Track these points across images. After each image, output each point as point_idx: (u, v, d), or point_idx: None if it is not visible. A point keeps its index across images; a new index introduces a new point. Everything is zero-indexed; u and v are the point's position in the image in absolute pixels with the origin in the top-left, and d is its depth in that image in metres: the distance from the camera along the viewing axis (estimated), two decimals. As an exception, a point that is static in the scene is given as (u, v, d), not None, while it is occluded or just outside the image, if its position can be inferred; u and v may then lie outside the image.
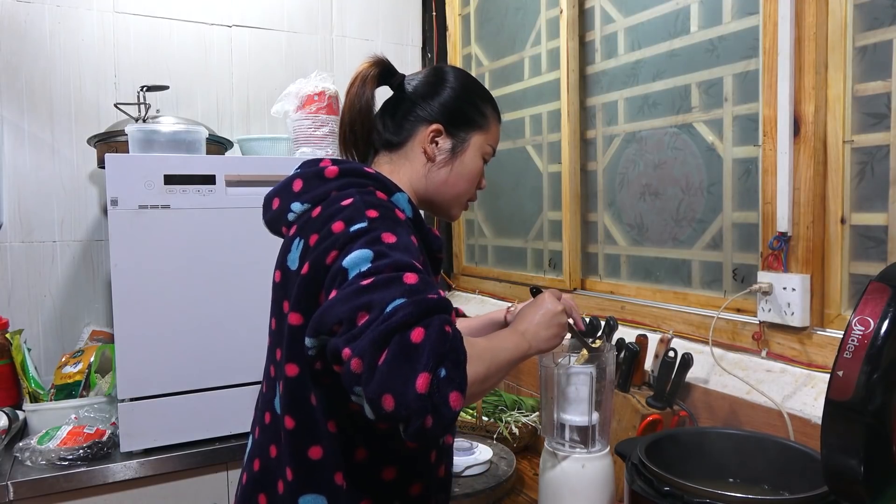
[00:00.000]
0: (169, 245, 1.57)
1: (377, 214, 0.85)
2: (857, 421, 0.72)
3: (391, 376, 0.69)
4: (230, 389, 1.64)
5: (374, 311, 0.73)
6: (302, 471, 0.89)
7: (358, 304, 0.74)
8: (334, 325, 0.75)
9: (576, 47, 1.81)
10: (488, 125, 1.06)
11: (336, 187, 0.93)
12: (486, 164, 1.09)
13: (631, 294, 1.68)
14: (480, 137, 1.05)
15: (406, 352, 0.70)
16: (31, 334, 1.96)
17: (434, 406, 0.70)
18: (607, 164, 1.75)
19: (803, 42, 1.21)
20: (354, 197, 0.89)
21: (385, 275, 0.77)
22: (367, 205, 0.87)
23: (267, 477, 0.94)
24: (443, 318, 0.75)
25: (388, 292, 0.75)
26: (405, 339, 0.71)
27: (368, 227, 0.83)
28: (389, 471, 0.91)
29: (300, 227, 0.93)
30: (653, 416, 1.28)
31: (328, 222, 0.86)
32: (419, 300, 0.74)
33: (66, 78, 2.01)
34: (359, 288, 0.76)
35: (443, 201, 1.06)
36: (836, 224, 1.21)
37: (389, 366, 0.70)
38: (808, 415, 1.12)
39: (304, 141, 1.90)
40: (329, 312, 0.76)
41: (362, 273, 0.78)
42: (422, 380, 0.69)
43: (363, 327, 0.73)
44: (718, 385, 1.31)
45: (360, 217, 0.84)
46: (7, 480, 1.42)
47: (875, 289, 0.75)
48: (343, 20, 2.39)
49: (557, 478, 1.12)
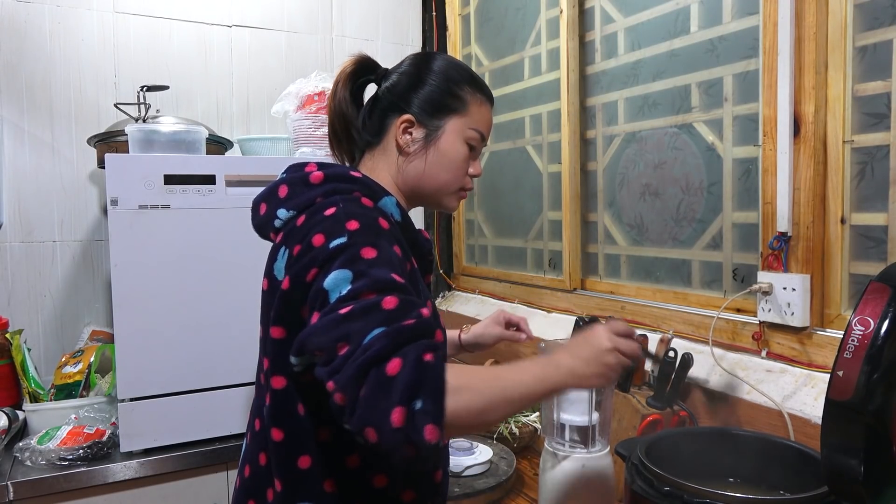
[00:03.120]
0: (169, 245, 1.57)
1: (358, 226, 0.83)
2: (857, 421, 0.72)
3: (370, 411, 0.69)
4: (230, 389, 1.64)
5: (352, 342, 0.72)
6: (291, 481, 0.89)
7: (337, 334, 0.74)
8: (316, 351, 0.76)
9: (576, 47, 1.81)
10: (466, 108, 0.99)
11: (321, 193, 0.90)
12: (475, 149, 1.02)
13: (631, 294, 1.68)
14: (459, 122, 0.99)
15: (382, 385, 0.69)
16: (31, 334, 1.96)
17: (411, 441, 0.69)
18: (607, 164, 1.75)
19: (803, 42, 1.21)
20: (337, 206, 0.86)
21: (364, 301, 0.75)
22: (349, 215, 0.85)
23: (256, 484, 0.94)
24: (421, 345, 0.73)
25: (367, 322, 0.74)
26: (381, 373, 0.70)
27: (348, 243, 0.81)
28: (381, 478, 0.91)
29: (286, 234, 0.91)
30: (653, 416, 1.28)
31: (309, 234, 0.84)
32: (396, 329, 0.73)
33: (66, 78, 2.01)
34: (338, 318, 0.74)
35: (429, 193, 1.01)
36: (836, 224, 1.21)
37: (368, 401, 0.69)
38: (808, 415, 1.12)
39: (304, 141, 1.90)
40: (310, 340, 0.76)
41: (342, 297, 0.77)
42: (396, 414, 0.68)
43: (343, 359, 0.72)
44: (718, 385, 1.31)
45: (340, 230, 0.82)
46: (7, 480, 1.42)
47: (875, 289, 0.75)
48: (343, 20, 2.39)
49: (557, 478, 1.12)
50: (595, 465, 1.11)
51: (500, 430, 1.60)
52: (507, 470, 1.42)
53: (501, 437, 1.60)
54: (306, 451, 0.88)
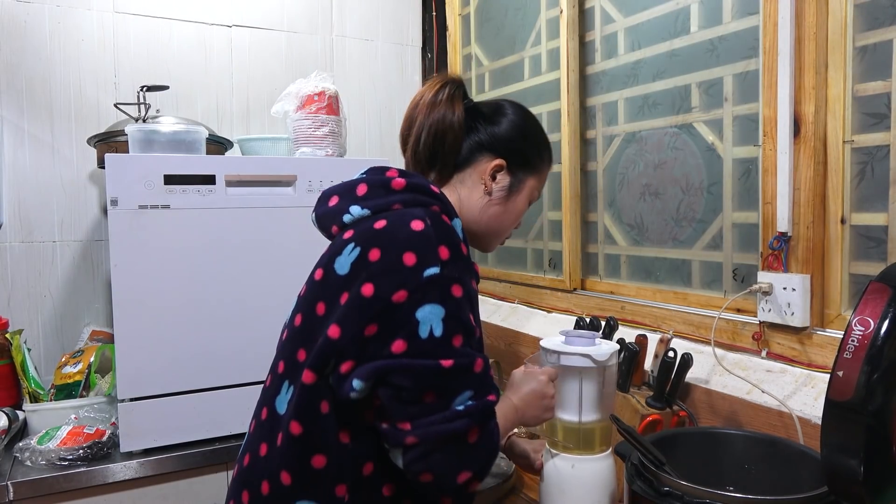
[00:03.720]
0: (169, 245, 1.57)
1: (448, 255, 0.85)
2: (857, 421, 0.72)
3: (440, 464, 0.82)
4: (230, 389, 1.64)
5: (442, 399, 0.82)
6: (302, 477, 0.88)
7: (428, 384, 0.82)
8: (398, 386, 0.82)
9: (576, 47, 1.81)
10: (543, 170, 1.08)
11: (400, 200, 0.92)
12: (529, 206, 1.09)
13: (631, 294, 1.68)
14: (534, 181, 1.06)
15: (462, 451, 0.83)
16: (31, 334, 1.96)
17: (460, 492, 0.87)
18: (607, 164, 1.75)
19: (803, 42, 1.21)
20: (424, 221, 0.87)
21: (460, 361, 0.83)
22: (440, 239, 0.86)
23: (252, 475, 0.93)
24: (495, 421, 0.87)
25: (459, 383, 0.83)
26: (463, 440, 0.82)
27: (441, 275, 0.84)
28: (388, 487, 0.90)
29: (358, 232, 0.91)
30: (653, 417, 1.28)
31: (396, 246, 0.85)
32: (483, 408, 0.84)
33: (66, 78, 2.01)
34: (436, 369, 0.82)
35: (487, 234, 1.06)
36: (836, 224, 1.21)
37: (444, 458, 0.82)
38: (808, 415, 1.12)
39: (304, 141, 1.90)
40: (397, 374, 0.82)
41: (435, 339, 0.82)
42: (465, 475, 0.84)
43: (428, 409, 0.81)
44: (718, 385, 1.31)
45: (434, 258, 0.84)
46: (7, 480, 1.42)
47: (875, 289, 0.75)
48: (343, 20, 2.39)
49: (558, 478, 1.12)
50: (595, 466, 1.11)
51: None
52: (507, 470, 1.42)
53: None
54: (322, 451, 0.87)
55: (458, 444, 0.82)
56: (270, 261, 1.66)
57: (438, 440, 0.81)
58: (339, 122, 1.94)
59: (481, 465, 0.85)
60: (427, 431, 0.81)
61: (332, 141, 1.91)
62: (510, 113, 1.05)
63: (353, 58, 2.40)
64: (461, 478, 0.83)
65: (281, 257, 1.65)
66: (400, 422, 0.82)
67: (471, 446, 0.83)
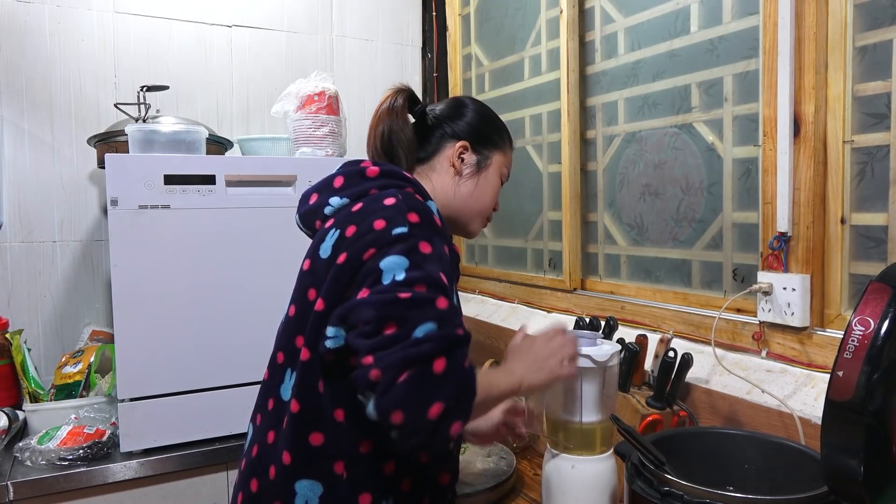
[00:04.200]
0: (169, 245, 1.57)
1: (418, 220, 0.89)
2: (857, 421, 0.72)
3: (408, 397, 0.76)
4: (230, 389, 1.64)
5: (403, 328, 0.79)
6: (301, 456, 0.90)
7: (388, 313, 0.80)
8: (360, 322, 0.81)
9: (576, 47, 1.81)
10: (505, 147, 1.15)
11: (376, 185, 0.98)
12: (502, 184, 1.15)
13: (631, 294, 1.68)
14: (500, 157, 1.14)
15: (428, 379, 0.77)
16: (31, 334, 1.96)
17: (438, 431, 0.78)
18: (607, 164, 1.75)
19: (803, 42, 1.21)
20: (396, 197, 0.93)
21: (419, 293, 0.82)
22: (409, 208, 0.90)
23: (261, 463, 0.95)
24: (464, 352, 0.82)
25: (421, 313, 0.80)
26: (428, 368, 0.78)
27: (409, 233, 0.87)
28: (389, 465, 0.92)
29: (338, 219, 0.97)
30: (653, 417, 1.28)
31: (369, 217, 0.90)
32: (448, 335, 0.80)
33: (66, 78, 2.01)
34: (393, 299, 0.81)
35: (467, 214, 1.12)
36: (836, 224, 1.21)
37: (409, 387, 0.76)
38: (808, 415, 1.12)
39: (304, 141, 1.90)
40: (358, 310, 0.82)
41: (396, 282, 0.82)
42: (436, 408, 0.77)
43: (388, 339, 0.79)
44: (718, 385, 1.31)
45: (402, 220, 0.88)
46: (7, 480, 1.42)
47: (875, 289, 0.75)
48: (343, 20, 2.39)
49: (559, 478, 1.12)
50: (596, 466, 1.11)
51: (500, 430, 1.61)
52: (507, 470, 1.42)
53: (501, 437, 1.60)
54: (319, 429, 0.90)
55: (423, 372, 0.77)
56: (270, 261, 1.66)
57: (401, 366, 0.77)
58: (339, 122, 1.94)
59: (453, 396, 0.78)
60: (388, 360, 0.77)
61: (332, 141, 1.91)
62: (467, 102, 1.15)
63: (353, 58, 2.40)
64: (432, 411, 0.76)
65: (281, 257, 1.65)
66: (364, 357, 0.79)
67: (437, 376, 0.78)
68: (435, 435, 0.78)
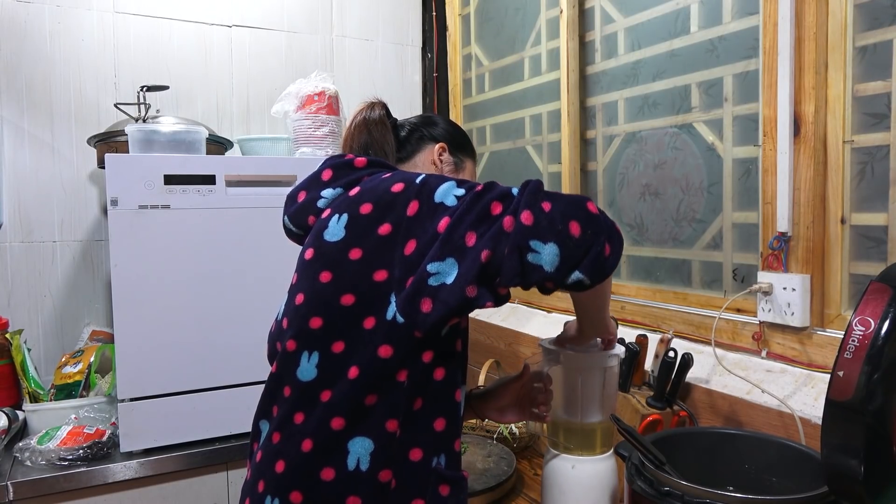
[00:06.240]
0: (169, 245, 1.57)
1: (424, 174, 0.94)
2: (857, 421, 0.72)
3: (567, 209, 0.80)
4: (230, 389, 1.64)
5: (505, 199, 0.83)
6: (355, 417, 0.89)
7: (484, 203, 0.83)
8: (468, 233, 0.82)
9: (576, 47, 1.81)
10: (474, 159, 1.21)
11: (367, 174, 1.01)
12: None
13: (631, 294, 1.68)
14: (471, 165, 1.20)
15: (562, 197, 0.82)
16: (31, 334, 1.96)
17: (609, 226, 0.82)
18: (607, 164, 1.75)
19: (803, 42, 1.21)
20: (394, 171, 0.97)
21: (485, 185, 0.86)
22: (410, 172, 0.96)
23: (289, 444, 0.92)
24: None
25: (503, 187, 0.85)
26: (554, 192, 0.82)
27: (428, 176, 0.91)
28: (440, 421, 0.92)
29: (336, 206, 0.98)
30: (653, 417, 1.28)
31: (382, 192, 0.93)
32: (538, 181, 0.84)
33: (66, 78, 2.01)
34: (475, 195, 0.84)
35: None
36: (836, 224, 1.21)
37: (560, 205, 0.81)
38: (808, 415, 1.12)
39: (304, 141, 1.90)
40: (458, 228, 0.83)
41: (465, 190, 0.86)
42: (591, 205, 0.82)
43: (505, 209, 0.82)
44: (719, 385, 1.31)
45: (414, 174, 0.93)
46: (7, 480, 1.42)
47: (875, 289, 0.75)
48: (343, 20, 2.39)
49: (559, 478, 1.12)
50: (597, 466, 1.11)
51: (500, 431, 1.61)
52: (507, 470, 1.42)
53: (501, 437, 1.60)
54: (376, 391, 0.89)
55: (555, 195, 0.82)
56: (270, 261, 1.66)
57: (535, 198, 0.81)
58: (339, 122, 1.94)
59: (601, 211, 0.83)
60: (520, 200, 0.81)
61: (332, 141, 1.91)
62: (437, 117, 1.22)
63: (353, 58, 2.40)
64: (590, 206, 0.82)
65: (281, 257, 1.65)
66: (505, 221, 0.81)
67: (563, 195, 0.83)
68: (610, 229, 0.81)
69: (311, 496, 0.89)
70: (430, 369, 0.90)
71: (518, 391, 1.15)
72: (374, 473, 0.88)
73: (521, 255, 0.79)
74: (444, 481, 0.92)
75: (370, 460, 0.88)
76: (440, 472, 0.92)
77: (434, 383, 0.91)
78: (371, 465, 0.88)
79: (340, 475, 0.88)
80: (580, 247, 0.80)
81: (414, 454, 0.90)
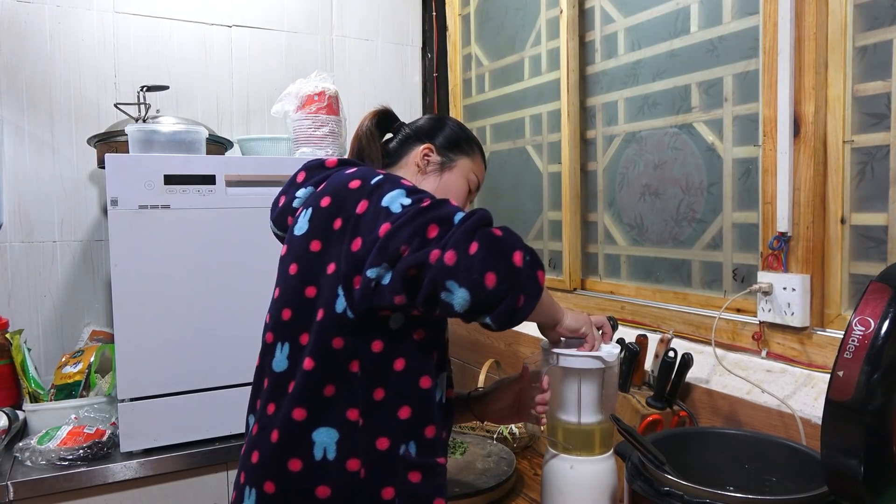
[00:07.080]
0: (169, 245, 1.57)
1: (384, 174, 0.95)
2: (857, 421, 0.72)
3: (489, 258, 0.81)
4: (230, 389, 1.64)
5: (444, 223, 0.84)
6: (315, 407, 0.92)
7: (424, 221, 0.84)
8: (402, 246, 0.83)
9: (576, 47, 1.81)
10: (475, 156, 1.18)
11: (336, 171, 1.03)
12: (472, 192, 1.18)
13: (631, 294, 1.68)
14: (468, 163, 1.17)
15: (494, 240, 0.83)
16: (31, 334, 1.96)
17: (529, 279, 0.83)
18: (607, 164, 1.75)
19: (803, 42, 1.21)
20: (357, 167, 1.01)
21: (433, 200, 0.87)
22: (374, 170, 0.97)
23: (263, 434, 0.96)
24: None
25: (448, 209, 0.86)
26: (490, 233, 0.83)
27: (385, 178, 0.93)
28: (404, 410, 0.93)
29: (306, 202, 1.02)
30: (653, 417, 1.28)
31: (339, 183, 0.96)
32: (482, 212, 0.86)
33: (66, 78, 2.01)
34: (419, 209, 0.85)
35: None
36: (836, 224, 1.21)
37: (485, 251, 0.81)
38: (808, 415, 1.12)
39: (304, 141, 1.90)
40: (394, 238, 0.84)
41: (407, 205, 0.87)
42: (517, 256, 0.83)
43: (439, 235, 0.83)
44: (719, 385, 1.31)
45: (373, 174, 0.95)
46: (7, 480, 1.42)
47: (875, 289, 0.75)
48: (343, 20, 2.39)
49: (559, 478, 1.12)
50: (597, 466, 1.11)
51: (500, 431, 1.61)
52: (507, 470, 1.43)
53: (501, 437, 1.60)
54: (333, 381, 0.92)
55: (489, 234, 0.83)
56: (270, 261, 1.65)
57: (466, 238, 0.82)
58: (339, 122, 1.95)
59: (524, 246, 0.85)
60: (453, 238, 0.82)
61: (332, 141, 1.91)
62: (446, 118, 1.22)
63: (353, 58, 2.40)
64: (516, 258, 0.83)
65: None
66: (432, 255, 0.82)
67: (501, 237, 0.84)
68: (528, 283, 0.83)
69: (283, 486, 0.92)
70: (384, 360, 0.92)
71: (517, 393, 1.15)
72: (341, 463, 0.91)
73: (436, 289, 0.82)
74: (414, 468, 0.94)
75: (336, 449, 0.91)
76: (409, 459, 0.93)
77: (394, 374, 0.93)
78: (338, 454, 0.91)
79: (308, 466, 0.91)
80: (491, 297, 0.82)
81: (381, 443, 0.92)
